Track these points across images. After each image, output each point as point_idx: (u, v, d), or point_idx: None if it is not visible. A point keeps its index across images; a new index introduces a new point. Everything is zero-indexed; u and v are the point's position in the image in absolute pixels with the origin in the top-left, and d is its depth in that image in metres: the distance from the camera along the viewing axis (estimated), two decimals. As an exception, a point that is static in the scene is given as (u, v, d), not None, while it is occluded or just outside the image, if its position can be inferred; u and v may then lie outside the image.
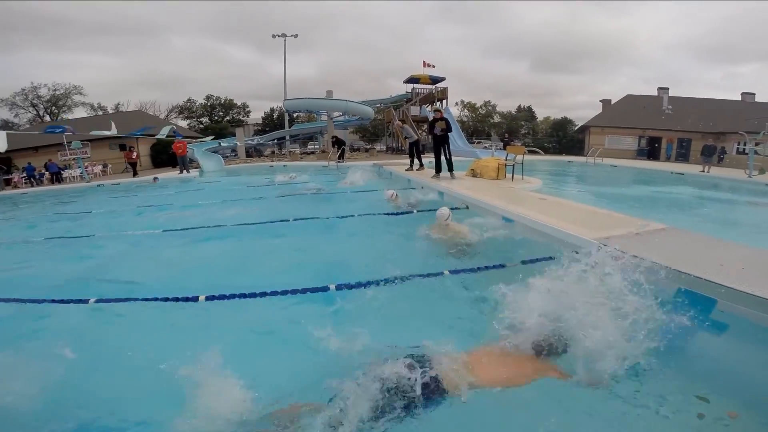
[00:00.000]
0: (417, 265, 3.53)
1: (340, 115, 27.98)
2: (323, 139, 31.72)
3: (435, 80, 29.63)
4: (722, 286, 2.49)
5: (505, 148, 16.34)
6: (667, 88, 29.28)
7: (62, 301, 3.25)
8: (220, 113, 46.98)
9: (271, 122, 44.23)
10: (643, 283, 2.17)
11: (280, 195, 8.62)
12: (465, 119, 45.43)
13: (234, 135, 26.52)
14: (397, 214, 5.83)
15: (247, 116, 48.55)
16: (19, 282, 4.06)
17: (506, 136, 27.24)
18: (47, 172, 20.08)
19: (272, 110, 46.26)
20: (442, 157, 8.34)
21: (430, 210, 5.92)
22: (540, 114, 48.48)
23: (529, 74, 70.70)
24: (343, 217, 5.82)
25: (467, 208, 5.86)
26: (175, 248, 5.01)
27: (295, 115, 33.71)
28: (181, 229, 5.65)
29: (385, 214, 5.84)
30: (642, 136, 26.85)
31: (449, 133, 8.24)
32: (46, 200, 12.02)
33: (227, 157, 22.27)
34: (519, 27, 72.13)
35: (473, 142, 31.03)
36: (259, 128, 42.86)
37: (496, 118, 46.57)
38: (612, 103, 30.85)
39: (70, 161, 18.81)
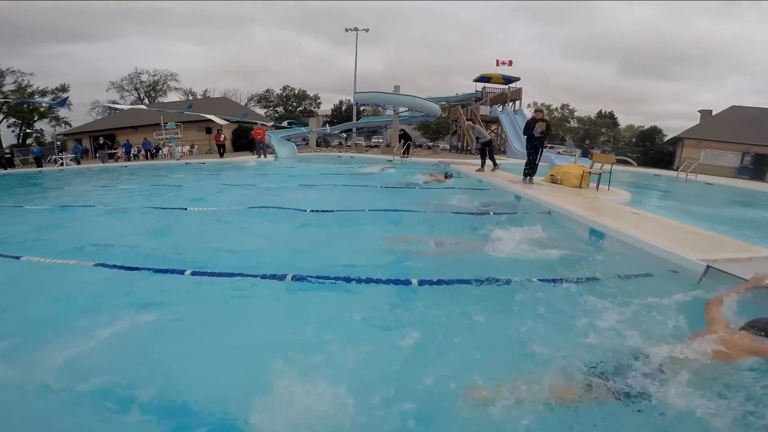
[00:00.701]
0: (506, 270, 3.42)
1: (405, 111, 27.97)
2: (387, 133, 32.00)
3: (508, 80, 28.45)
4: None
5: (584, 155, 15.26)
6: (784, 100, 25.42)
7: (161, 271, 3.50)
8: (294, 103, 49.36)
9: (339, 114, 45.56)
10: None
11: (372, 185, 8.74)
12: (537, 122, 43.26)
13: (305, 124, 27.74)
14: (489, 214, 5.70)
15: (318, 107, 50.55)
16: (120, 248, 4.44)
17: (586, 142, 25.38)
18: (143, 149, 22.54)
19: (341, 102, 47.71)
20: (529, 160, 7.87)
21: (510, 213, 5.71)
22: (623, 121, 44.79)
23: (615, 78, 65.52)
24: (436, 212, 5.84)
25: (549, 214, 5.56)
26: (259, 225, 5.35)
27: (361, 109, 34.33)
28: (264, 207, 6.01)
29: (475, 214, 5.75)
30: (746, 152, 23.60)
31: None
32: (142, 174, 13.45)
33: (299, 145, 23.30)
34: (609, 27, 66.79)
35: (546, 147, 29.34)
36: (328, 119, 44.38)
37: (573, 123, 43.75)
38: (713, 113, 27.51)
39: (164, 140, 20.84)
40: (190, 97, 43.91)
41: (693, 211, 8.53)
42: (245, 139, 22.76)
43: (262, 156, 16.99)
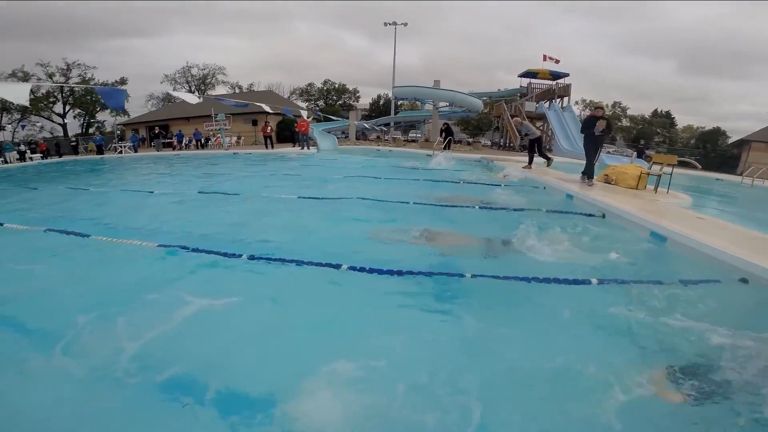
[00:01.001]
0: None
1: (446, 106, 27.62)
2: (425, 128, 31.74)
3: (556, 76, 27.35)
4: None
5: (639, 156, 14.44)
6: None
7: (219, 254, 3.66)
8: (334, 97, 50.12)
9: (377, 108, 45.78)
10: None
11: (418, 179, 8.72)
12: (585, 119, 41.42)
13: (344, 118, 28.13)
14: (540, 211, 5.57)
15: (357, 101, 51.04)
16: (179, 230, 4.70)
17: (641, 142, 23.91)
18: (194, 139, 23.78)
19: (379, 97, 47.90)
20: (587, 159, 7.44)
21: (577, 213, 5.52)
22: (681, 121, 41.90)
23: (674, 76, 61.20)
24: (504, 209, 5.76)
25: (603, 216, 5.33)
26: (309, 213, 5.51)
27: (399, 103, 34.24)
28: (313, 198, 6.19)
29: (524, 211, 5.60)
30: (824, 158, 21.39)
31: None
32: (195, 162, 14.19)
33: (338, 138, 23.65)
34: (669, 23, 62.06)
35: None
36: (366, 113, 44.71)
37: (625, 122, 41.39)
38: (786, 114, 25.10)
39: (215, 131, 21.84)
40: (237, 90, 45.68)
41: (762, 219, 7.88)
42: (288, 131, 23.40)
43: (306, 148, 17.41)
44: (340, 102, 49.38)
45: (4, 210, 6.26)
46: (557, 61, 26.87)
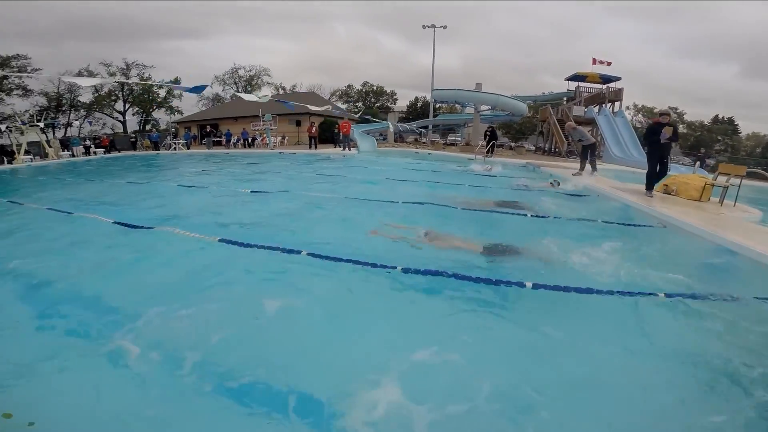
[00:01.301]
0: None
1: (488, 109, 27.12)
2: (465, 132, 31.35)
3: (606, 79, 26.05)
4: None
5: (702, 166, 13.57)
6: None
7: (280, 249, 3.82)
8: (372, 99, 50.68)
9: (414, 111, 45.75)
10: None
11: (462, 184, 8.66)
12: (638, 125, 39.20)
13: (382, 120, 28.39)
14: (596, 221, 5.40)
15: (394, 103, 51.32)
16: (235, 225, 4.93)
17: (701, 150, 22.27)
18: (241, 138, 24.88)
19: (416, 99, 47.86)
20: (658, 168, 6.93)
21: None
22: (745, 128, 38.86)
23: (737, 80, 56.77)
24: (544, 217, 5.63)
25: (664, 227, 5.08)
26: (357, 214, 5.65)
27: (437, 106, 33.99)
28: (359, 199, 6.33)
29: (579, 220, 5.45)
30: None
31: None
32: (244, 160, 14.83)
33: (377, 140, 23.90)
34: (731, 25, 57.67)
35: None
36: (404, 115, 44.78)
37: (682, 128, 38.86)
38: None
39: (262, 131, 22.77)
40: (281, 92, 47.30)
41: None
42: (329, 132, 23.95)
43: (347, 149, 17.74)
44: (378, 104, 49.84)
45: (72, 200, 6.86)
46: (608, 64, 25.65)
